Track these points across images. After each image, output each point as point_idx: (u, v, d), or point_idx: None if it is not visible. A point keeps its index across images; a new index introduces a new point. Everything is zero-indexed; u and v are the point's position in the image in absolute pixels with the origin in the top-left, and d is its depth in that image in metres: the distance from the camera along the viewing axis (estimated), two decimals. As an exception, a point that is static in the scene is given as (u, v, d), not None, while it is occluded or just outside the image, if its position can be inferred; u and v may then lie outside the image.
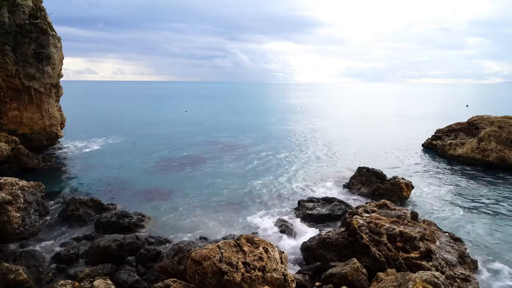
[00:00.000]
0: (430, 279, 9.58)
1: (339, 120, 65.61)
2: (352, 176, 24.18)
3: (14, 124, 30.42)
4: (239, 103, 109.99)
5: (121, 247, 14.28)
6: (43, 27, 30.19)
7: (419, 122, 59.87)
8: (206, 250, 10.10)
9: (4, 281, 11.62)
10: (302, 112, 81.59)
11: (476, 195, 22.31)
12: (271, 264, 10.32)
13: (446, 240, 14.03)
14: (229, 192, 22.93)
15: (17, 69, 28.88)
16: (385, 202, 16.69)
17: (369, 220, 14.12)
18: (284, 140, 41.98)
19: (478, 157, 29.71)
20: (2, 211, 15.68)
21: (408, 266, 12.12)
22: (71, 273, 13.20)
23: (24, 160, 26.93)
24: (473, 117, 35.93)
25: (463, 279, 11.88)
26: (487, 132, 30.20)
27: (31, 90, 30.15)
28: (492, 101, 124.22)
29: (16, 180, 18.10)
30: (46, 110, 31.74)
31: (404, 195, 21.33)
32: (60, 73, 32.46)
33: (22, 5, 29.67)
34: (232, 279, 9.54)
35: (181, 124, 56.14)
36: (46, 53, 30.30)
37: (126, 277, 12.40)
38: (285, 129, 52.09)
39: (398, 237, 13.14)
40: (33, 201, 17.85)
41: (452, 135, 35.39)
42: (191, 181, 25.19)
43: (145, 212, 18.80)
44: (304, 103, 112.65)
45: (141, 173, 27.26)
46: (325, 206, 19.03)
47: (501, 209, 20.04)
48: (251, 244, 10.93)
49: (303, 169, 28.82)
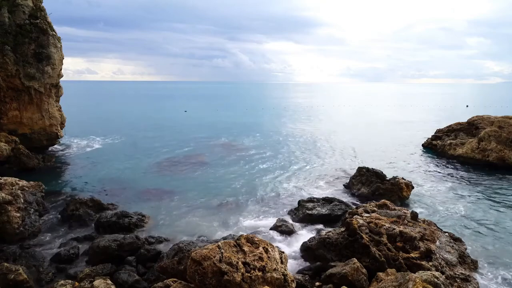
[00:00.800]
0: (430, 279, 9.58)
1: (339, 120, 65.61)
2: (352, 176, 24.18)
3: (14, 124, 30.41)
4: (239, 103, 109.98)
5: (121, 247, 14.28)
6: (43, 27, 30.18)
7: (419, 122, 59.86)
8: (206, 250, 10.10)
9: (4, 281, 11.62)
10: (302, 112, 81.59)
11: (476, 195, 22.30)
12: (271, 264, 10.33)
13: (446, 240, 14.03)
14: (229, 192, 22.93)
15: (17, 69, 28.87)
16: (385, 202, 16.70)
17: (369, 220, 14.12)
18: (284, 140, 41.99)
19: (478, 157, 29.71)
20: (2, 211, 15.67)
21: (408, 266, 12.12)
22: (71, 273, 13.20)
23: (24, 160, 26.93)
24: (473, 117, 35.93)
25: (463, 279, 11.88)
26: (487, 132, 30.20)
27: (31, 90, 30.14)
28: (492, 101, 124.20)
29: (16, 180, 18.09)
30: (46, 110, 31.73)
31: (404, 195, 21.32)
32: (60, 73, 32.45)
33: (22, 5, 29.66)
34: (232, 279, 9.54)
35: (181, 124, 56.15)
36: (46, 53, 30.29)
37: (126, 277, 12.40)
38: (285, 129, 52.09)
39: (398, 237, 13.15)
40: (33, 201, 17.84)
41: (452, 135, 35.40)
42: (191, 181, 25.19)
43: (145, 212, 18.80)
44: (304, 103, 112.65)
45: (141, 173, 27.27)
46: (325, 206, 19.02)
47: (501, 209, 20.04)
48: (251, 244, 10.93)
49: (303, 169, 28.82)
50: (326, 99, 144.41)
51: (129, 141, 40.26)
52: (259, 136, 44.75)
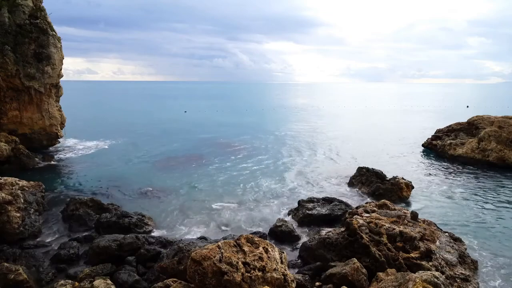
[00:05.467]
0: (430, 279, 9.58)
1: (339, 120, 65.64)
2: (352, 176, 24.18)
3: (14, 124, 30.41)
4: (239, 103, 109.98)
5: (121, 247, 14.28)
6: (43, 27, 30.18)
7: (419, 122, 59.86)
8: (206, 250, 10.10)
9: (4, 281, 11.62)
10: (302, 112, 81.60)
11: (476, 195, 22.30)
12: (271, 264, 10.32)
13: (446, 240, 14.03)
14: (230, 192, 22.93)
15: (17, 69, 28.87)
16: (385, 202, 16.69)
17: (369, 220, 14.11)
18: (284, 140, 41.99)
19: (478, 157, 29.71)
20: (2, 211, 15.67)
21: (408, 266, 12.12)
22: (71, 273, 13.20)
23: (24, 160, 26.93)
24: (473, 117, 35.92)
25: (463, 279, 11.88)
26: (487, 132, 30.20)
27: (31, 90, 30.15)
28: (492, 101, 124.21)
29: (16, 180, 18.08)
30: (46, 110, 31.73)
31: (404, 195, 21.33)
32: (60, 73, 32.45)
33: (22, 5, 29.66)
34: (232, 279, 9.54)
35: (181, 124, 56.16)
36: (46, 53, 30.28)
37: (126, 277, 12.40)
38: (285, 129, 52.09)
39: (398, 237, 13.14)
40: (33, 201, 17.84)
41: (452, 135, 35.39)
42: (191, 181, 25.18)
43: (145, 212, 18.80)
44: (304, 103, 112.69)
45: (141, 173, 27.26)
46: (325, 206, 19.03)
47: (501, 209, 20.04)
48: (251, 244, 10.93)
49: (303, 169, 28.82)
50: (326, 99, 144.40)
51: (129, 141, 40.26)
52: (259, 136, 44.75)
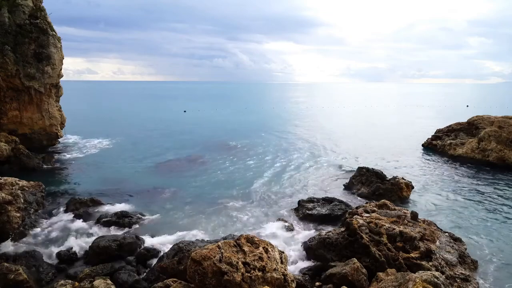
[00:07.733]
0: (430, 279, 9.58)
1: (339, 120, 65.62)
2: (352, 176, 24.17)
3: (14, 124, 30.41)
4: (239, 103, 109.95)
5: (121, 247, 14.29)
6: (43, 27, 30.18)
7: (419, 122, 59.85)
8: (206, 250, 10.10)
9: (4, 281, 11.62)
10: (302, 112, 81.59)
11: (476, 195, 22.30)
12: (271, 264, 10.33)
13: (446, 240, 14.04)
14: (229, 192, 22.92)
15: (17, 69, 28.87)
16: (385, 202, 16.69)
17: (369, 220, 14.12)
18: (283, 140, 41.97)
19: (478, 157, 29.71)
20: (2, 211, 15.65)
21: (408, 266, 12.12)
22: (71, 273, 13.20)
23: (24, 160, 26.92)
24: (473, 117, 35.93)
25: (463, 279, 11.87)
26: (487, 132, 30.20)
27: (31, 90, 30.15)
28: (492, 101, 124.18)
29: (16, 180, 18.07)
30: (46, 110, 31.73)
31: (404, 195, 21.32)
32: (60, 73, 32.45)
33: (22, 5, 29.66)
34: (232, 279, 9.54)
35: (180, 124, 56.15)
36: (46, 53, 30.28)
37: (126, 277, 12.40)
38: (285, 129, 52.07)
39: (398, 237, 13.14)
40: (33, 201, 17.82)
41: (452, 135, 35.40)
42: (191, 181, 25.18)
43: (145, 212, 18.81)
44: (304, 103, 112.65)
45: (141, 173, 27.26)
46: (325, 206, 19.03)
47: (501, 209, 20.03)
48: (251, 244, 10.93)
49: (303, 169, 28.80)
50: (326, 99, 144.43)
51: (129, 141, 40.25)
52: (259, 136, 44.73)
